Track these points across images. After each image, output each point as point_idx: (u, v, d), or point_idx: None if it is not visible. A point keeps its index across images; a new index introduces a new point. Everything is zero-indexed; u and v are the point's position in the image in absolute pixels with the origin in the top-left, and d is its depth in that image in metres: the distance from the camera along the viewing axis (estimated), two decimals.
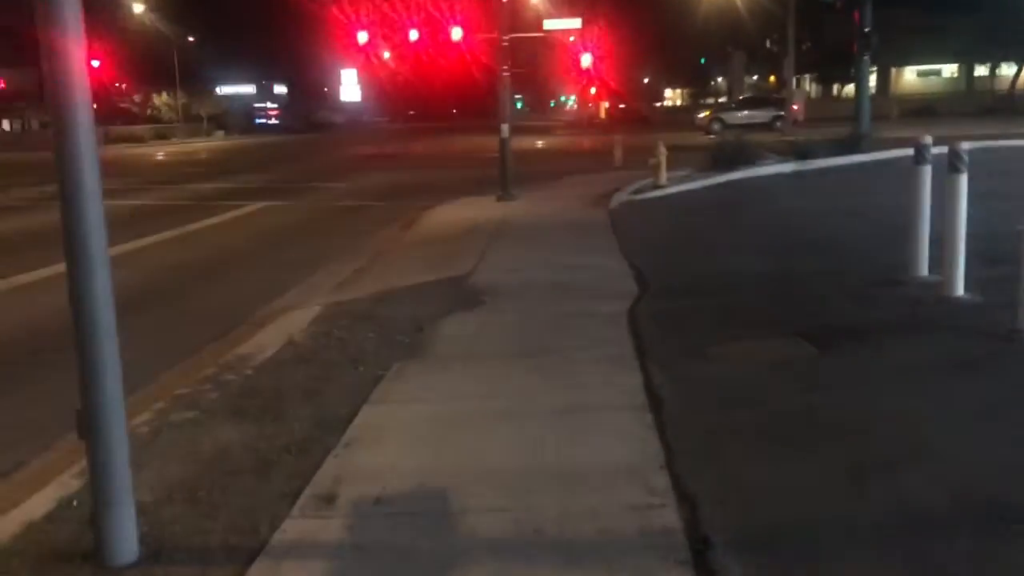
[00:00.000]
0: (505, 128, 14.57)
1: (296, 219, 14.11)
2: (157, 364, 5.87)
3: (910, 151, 6.85)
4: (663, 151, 13.76)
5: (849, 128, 19.13)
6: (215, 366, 5.54)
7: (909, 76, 56.39)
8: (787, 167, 15.62)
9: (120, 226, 12.98)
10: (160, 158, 36.06)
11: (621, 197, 13.24)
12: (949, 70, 55.88)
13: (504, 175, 14.45)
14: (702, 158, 16.34)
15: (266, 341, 6.22)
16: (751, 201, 12.49)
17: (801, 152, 16.36)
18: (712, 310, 6.32)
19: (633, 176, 16.18)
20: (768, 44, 36.74)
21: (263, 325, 6.90)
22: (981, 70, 53.89)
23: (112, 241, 3.15)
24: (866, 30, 17.59)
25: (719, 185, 14.18)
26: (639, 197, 13.32)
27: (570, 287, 7.43)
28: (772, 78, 60.34)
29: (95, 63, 52.25)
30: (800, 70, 41.26)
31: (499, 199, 14.26)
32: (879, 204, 10.81)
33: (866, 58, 18.00)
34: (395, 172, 23.17)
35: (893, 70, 54.17)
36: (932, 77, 56.29)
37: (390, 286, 7.93)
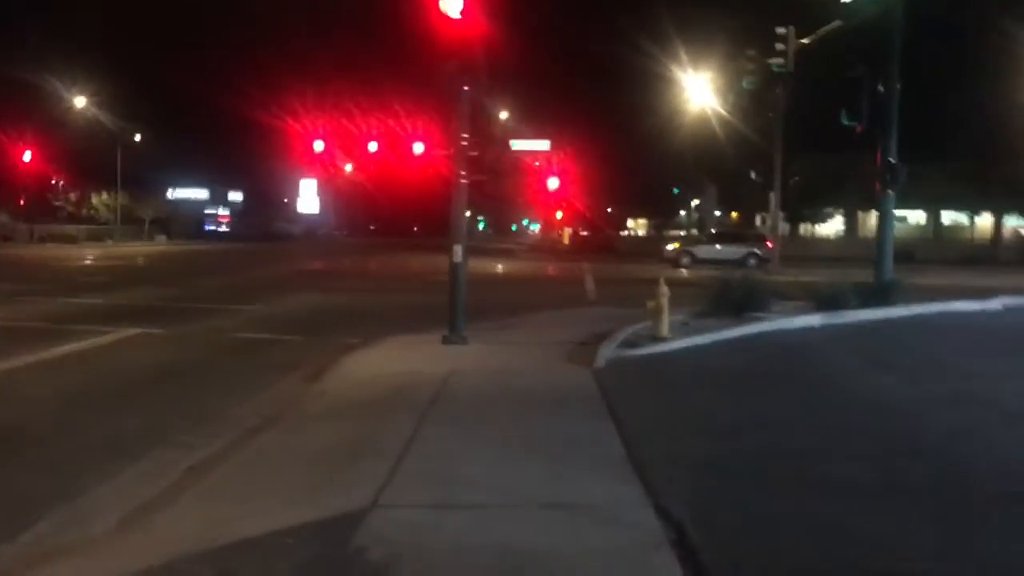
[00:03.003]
0: (458, 250, 11.19)
1: (167, 358, 10.32)
2: None
3: (949, 306, 3.65)
4: (665, 291, 10.41)
5: (835, 270, 18.18)
6: None
7: (874, 221, 55.54)
8: (814, 320, 12.41)
9: None
10: (82, 262, 32.07)
11: (609, 350, 9.77)
12: (916, 216, 55.70)
13: (455, 311, 11.01)
14: (689, 296, 13.20)
15: None
16: (798, 373, 8.86)
17: (824, 301, 13.16)
18: None
19: (613, 316, 12.96)
20: (753, 176, 34.80)
21: None
22: (948, 217, 54.28)
23: None
24: (893, 163, 14.91)
25: (739, 341, 10.72)
26: (635, 353, 9.81)
27: None
28: (734, 214, 59.06)
29: (26, 156, 48.90)
30: (764, 207, 39.43)
31: (446, 341, 10.80)
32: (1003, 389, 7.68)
33: (891, 196, 15.26)
34: (333, 293, 19.59)
35: (860, 214, 53.79)
36: (899, 223, 55.74)
37: (223, 533, 4.22)
